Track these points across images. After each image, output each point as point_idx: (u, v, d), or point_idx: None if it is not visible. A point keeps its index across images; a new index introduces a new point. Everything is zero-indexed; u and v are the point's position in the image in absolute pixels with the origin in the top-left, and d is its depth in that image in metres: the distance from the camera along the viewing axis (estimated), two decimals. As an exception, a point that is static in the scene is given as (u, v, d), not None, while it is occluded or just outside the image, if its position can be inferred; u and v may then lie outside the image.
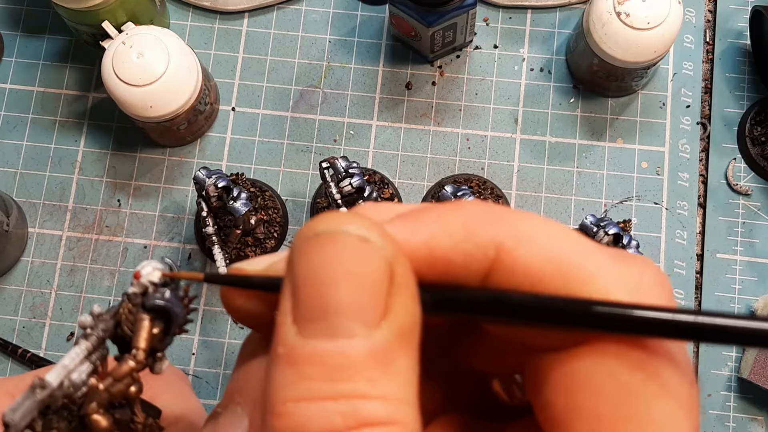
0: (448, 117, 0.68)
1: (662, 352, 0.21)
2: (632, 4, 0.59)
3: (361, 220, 0.21)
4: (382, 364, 0.20)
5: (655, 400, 0.20)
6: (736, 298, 0.65)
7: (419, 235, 0.22)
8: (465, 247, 0.22)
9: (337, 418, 0.19)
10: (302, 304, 0.20)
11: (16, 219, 0.64)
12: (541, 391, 0.22)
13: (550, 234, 0.22)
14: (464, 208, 0.22)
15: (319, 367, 0.19)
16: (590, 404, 0.21)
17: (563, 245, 0.22)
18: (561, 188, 0.67)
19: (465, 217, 0.22)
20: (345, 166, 0.59)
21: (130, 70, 0.59)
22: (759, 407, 0.63)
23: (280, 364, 0.20)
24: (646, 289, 0.22)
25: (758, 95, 0.68)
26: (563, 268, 0.21)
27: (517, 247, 0.22)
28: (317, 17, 0.70)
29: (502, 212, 0.22)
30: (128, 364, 0.24)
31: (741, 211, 0.66)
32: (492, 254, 0.22)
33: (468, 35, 0.67)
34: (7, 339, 0.64)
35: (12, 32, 0.70)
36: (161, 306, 0.24)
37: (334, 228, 0.20)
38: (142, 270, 0.24)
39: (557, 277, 0.21)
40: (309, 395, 0.19)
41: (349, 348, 0.20)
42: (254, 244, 0.64)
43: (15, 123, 0.68)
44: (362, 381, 0.19)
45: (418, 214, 0.22)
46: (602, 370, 0.21)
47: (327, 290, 0.20)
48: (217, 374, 0.64)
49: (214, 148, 0.68)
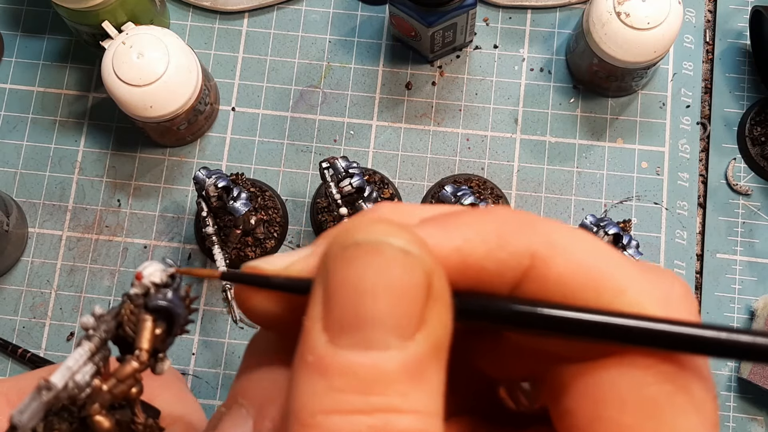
0: (448, 117, 0.68)
1: (691, 366, 0.21)
2: (632, 4, 0.59)
3: (402, 231, 0.20)
4: (414, 377, 0.19)
5: (682, 413, 0.20)
6: (735, 298, 0.65)
7: (452, 240, 0.21)
8: (499, 254, 0.21)
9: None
10: (336, 313, 0.20)
11: (16, 219, 0.64)
12: (562, 399, 0.22)
13: (583, 244, 0.22)
14: (497, 214, 0.22)
15: (352, 379, 0.19)
16: (615, 414, 0.20)
17: (596, 256, 0.21)
18: (561, 188, 0.67)
19: (498, 223, 0.22)
20: (345, 166, 0.59)
21: (130, 70, 0.59)
22: (759, 407, 0.63)
23: (309, 373, 0.19)
24: (675, 302, 0.22)
25: (758, 95, 0.68)
26: (596, 279, 0.21)
27: (552, 256, 0.21)
28: (317, 17, 0.70)
29: (535, 220, 0.22)
30: (131, 365, 0.24)
31: (741, 211, 0.66)
32: (526, 263, 0.21)
33: (468, 35, 0.67)
34: (7, 339, 0.64)
35: (12, 32, 0.70)
36: (164, 307, 0.24)
37: (376, 238, 0.20)
38: (144, 271, 0.24)
39: (590, 289, 0.21)
40: (340, 407, 0.19)
41: (383, 360, 0.19)
42: (254, 244, 0.64)
43: (15, 123, 0.68)
44: (394, 395, 0.19)
45: (450, 219, 0.22)
46: (629, 381, 0.21)
47: (365, 301, 0.20)
48: (217, 374, 0.64)
49: (214, 148, 0.68)
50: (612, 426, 0.20)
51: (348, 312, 0.20)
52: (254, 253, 0.65)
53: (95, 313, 0.24)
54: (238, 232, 0.62)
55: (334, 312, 0.20)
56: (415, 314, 0.20)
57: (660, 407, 0.20)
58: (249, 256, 0.64)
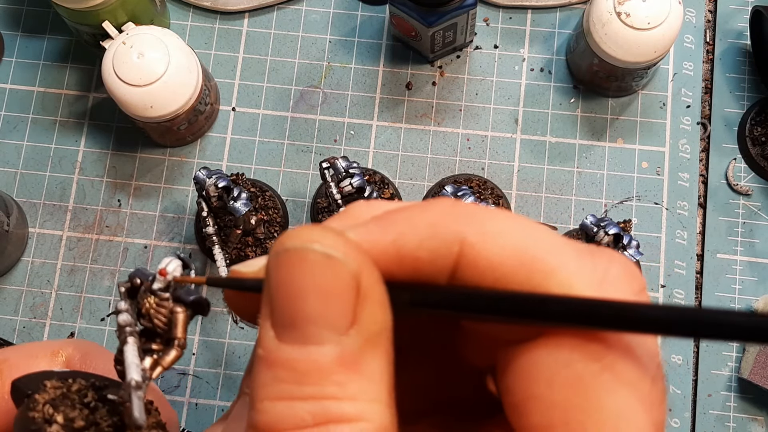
0: (448, 117, 0.68)
1: (620, 345, 0.22)
2: (632, 4, 0.59)
3: (327, 236, 0.22)
4: (351, 368, 0.21)
5: (610, 391, 0.21)
6: (736, 298, 0.65)
7: (387, 234, 0.23)
8: (430, 243, 0.22)
9: (306, 416, 0.21)
10: (277, 312, 0.22)
11: (17, 219, 0.64)
12: (503, 380, 0.23)
13: (515, 229, 0.23)
14: (434, 206, 0.23)
15: (291, 371, 0.21)
16: (544, 392, 0.21)
17: (528, 240, 0.22)
18: (561, 188, 0.67)
19: (433, 215, 0.23)
20: (345, 166, 0.59)
21: (131, 70, 0.59)
22: (759, 407, 0.63)
23: (260, 365, 0.22)
24: (611, 282, 0.22)
25: (758, 95, 0.68)
26: (526, 261, 0.22)
27: (480, 241, 0.22)
28: (317, 17, 0.70)
29: (469, 210, 0.23)
30: (175, 353, 0.26)
31: (741, 211, 0.66)
32: (456, 249, 0.22)
33: (468, 35, 0.67)
34: (7, 339, 0.64)
35: (12, 32, 0.70)
36: (197, 300, 0.26)
37: (300, 245, 0.22)
38: (167, 267, 0.26)
39: (520, 271, 0.22)
40: (282, 395, 0.21)
41: (318, 354, 0.21)
42: (254, 244, 0.64)
43: (15, 123, 0.68)
44: (331, 384, 0.21)
45: (390, 215, 0.23)
46: (557, 360, 0.21)
47: (298, 302, 0.22)
48: (218, 374, 0.64)
49: (215, 148, 0.68)
50: (542, 403, 0.21)
51: (286, 311, 0.22)
52: (254, 254, 0.65)
53: (123, 308, 0.26)
54: (239, 232, 0.62)
55: (276, 311, 0.22)
56: (347, 311, 0.21)
57: (586, 384, 0.21)
58: (249, 256, 0.64)
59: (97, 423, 0.25)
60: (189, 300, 0.26)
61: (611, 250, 0.24)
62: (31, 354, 0.30)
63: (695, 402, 0.63)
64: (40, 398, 0.24)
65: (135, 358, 0.25)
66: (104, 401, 0.25)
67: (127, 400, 0.24)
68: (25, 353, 0.31)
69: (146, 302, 0.26)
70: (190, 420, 0.63)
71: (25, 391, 0.25)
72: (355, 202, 0.26)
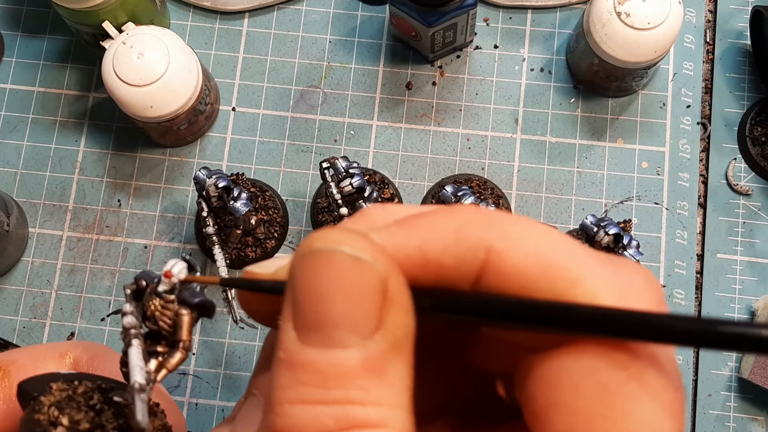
0: (448, 117, 0.68)
1: (646, 355, 0.21)
2: (632, 4, 0.59)
3: (355, 239, 0.22)
4: (375, 372, 0.21)
5: (636, 399, 0.21)
6: (736, 298, 0.65)
7: (413, 239, 0.23)
8: (456, 250, 0.22)
9: (329, 421, 0.20)
10: (301, 315, 0.22)
11: (17, 219, 0.64)
12: (525, 387, 0.23)
13: (540, 237, 0.22)
14: (457, 212, 0.23)
15: (315, 375, 0.21)
16: (568, 400, 0.21)
17: (552, 248, 0.22)
18: (561, 188, 0.67)
19: (457, 221, 0.23)
20: (345, 166, 0.59)
21: (131, 70, 0.59)
22: (759, 407, 0.63)
23: (281, 368, 0.21)
24: (634, 293, 0.22)
25: (758, 95, 0.68)
26: (551, 270, 0.22)
27: (506, 249, 0.22)
28: (317, 17, 0.70)
29: (494, 216, 0.23)
30: (180, 356, 0.26)
31: (741, 211, 0.66)
32: (482, 256, 0.22)
33: (468, 35, 0.67)
34: (7, 339, 0.64)
35: (12, 32, 0.70)
36: (202, 302, 0.26)
37: (329, 247, 0.22)
38: (173, 269, 0.26)
39: (544, 279, 0.22)
40: (303, 398, 0.21)
41: (343, 358, 0.21)
42: (254, 244, 0.64)
43: (15, 123, 0.68)
44: (355, 389, 0.21)
45: (414, 220, 0.23)
46: (582, 367, 0.21)
47: (323, 304, 0.21)
48: (218, 374, 0.64)
49: (215, 148, 0.68)
50: (566, 411, 0.21)
51: (311, 314, 0.21)
52: (254, 253, 0.65)
53: (128, 311, 0.26)
54: (239, 232, 0.62)
55: (300, 313, 0.22)
56: (373, 315, 0.21)
57: (611, 393, 0.21)
58: (249, 256, 0.64)
59: (102, 425, 0.25)
60: (194, 302, 0.26)
61: (632, 260, 0.24)
62: (39, 356, 0.30)
63: (695, 402, 0.63)
64: (45, 400, 0.24)
65: (139, 361, 0.25)
66: (110, 403, 0.25)
67: (131, 402, 0.24)
68: (33, 355, 0.31)
69: (151, 304, 0.26)
70: (190, 420, 0.63)
71: (31, 394, 0.25)
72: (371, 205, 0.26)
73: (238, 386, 0.64)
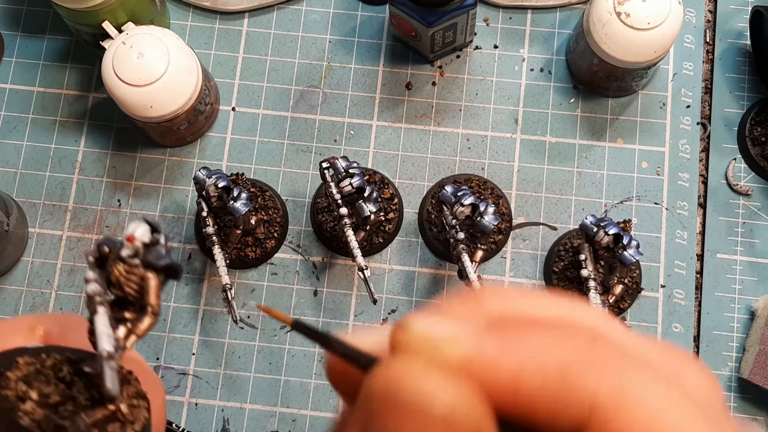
0: (448, 117, 0.68)
1: None
2: (632, 4, 0.59)
3: (452, 386, 0.19)
4: None
5: None
6: (736, 298, 0.65)
7: (506, 362, 0.19)
8: (553, 391, 0.19)
9: None
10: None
11: (17, 219, 0.64)
12: None
13: (659, 401, 0.19)
14: (569, 339, 0.20)
15: None
16: None
17: (668, 420, 0.19)
18: (561, 188, 0.67)
19: (565, 353, 0.19)
20: (345, 166, 0.59)
21: (131, 70, 0.59)
22: (759, 407, 0.63)
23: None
24: None
25: (758, 95, 0.68)
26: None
27: (613, 412, 0.19)
28: (317, 17, 0.70)
29: (608, 353, 0.19)
30: (149, 320, 0.25)
31: (741, 211, 0.66)
32: (584, 414, 0.19)
33: (468, 35, 0.67)
34: (7, 339, 0.64)
35: (12, 32, 0.70)
36: (170, 265, 0.25)
37: (421, 399, 0.19)
38: (135, 232, 0.25)
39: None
40: None
41: None
42: (254, 244, 0.64)
43: (15, 123, 0.68)
44: None
45: (514, 334, 0.20)
46: None
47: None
48: (217, 374, 0.64)
49: (215, 148, 0.68)
50: None
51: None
52: (254, 254, 0.65)
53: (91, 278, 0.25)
54: (239, 232, 0.62)
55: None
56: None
57: None
58: (249, 256, 0.64)
59: (74, 397, 0.24)
60: (160, 265, 0.25)
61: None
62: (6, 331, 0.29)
63: (695, 402, 0.63)
64: (12, 375, 0.24)
65: (106, 328, 0.24)
66: (81, 375, 0.25)
67: (100, 371, 0.23)
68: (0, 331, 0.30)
69: (115, 270, 0.25)
70: (190, 420, 0.63)
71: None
72: (490, 288, 0.23)
73: (238, 386, 0.64)
